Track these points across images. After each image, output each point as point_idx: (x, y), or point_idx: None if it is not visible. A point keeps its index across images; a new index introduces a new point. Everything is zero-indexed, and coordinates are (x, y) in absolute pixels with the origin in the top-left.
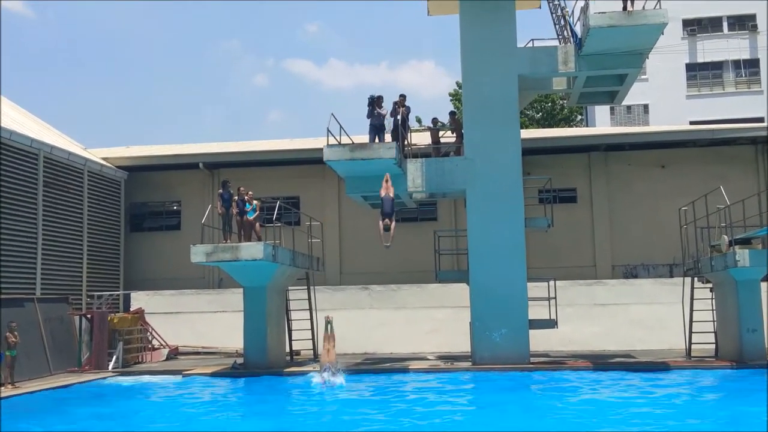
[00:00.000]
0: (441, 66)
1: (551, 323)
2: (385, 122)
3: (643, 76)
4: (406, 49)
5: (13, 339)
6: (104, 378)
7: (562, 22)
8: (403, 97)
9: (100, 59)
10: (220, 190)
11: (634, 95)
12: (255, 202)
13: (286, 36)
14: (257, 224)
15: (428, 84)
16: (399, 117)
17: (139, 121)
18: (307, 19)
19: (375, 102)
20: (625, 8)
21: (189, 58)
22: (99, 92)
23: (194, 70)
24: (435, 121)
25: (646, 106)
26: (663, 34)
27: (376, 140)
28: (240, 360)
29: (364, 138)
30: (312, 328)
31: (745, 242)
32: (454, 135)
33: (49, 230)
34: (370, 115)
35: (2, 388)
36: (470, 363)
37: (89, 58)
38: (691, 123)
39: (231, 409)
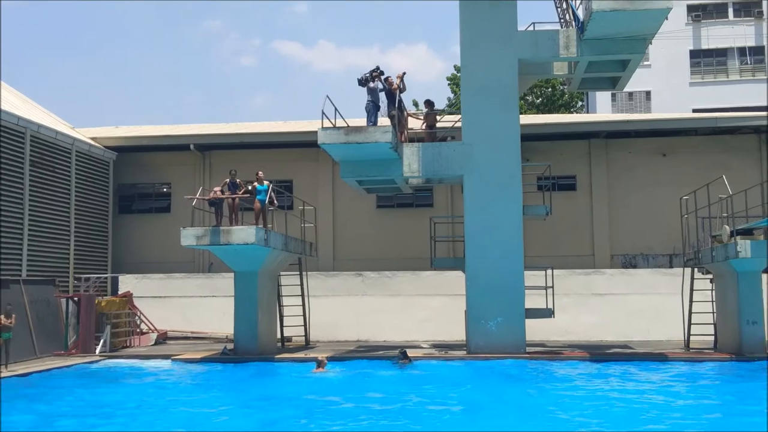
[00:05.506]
0: (433, 49)
1: (548, 312)
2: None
3: (645, 62)
4: (398, 32)
5: (10, 321)
6: (91, 362)
7: (564, 5)
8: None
9: (85, 37)
10: (227, 180)
11: (637, 82)
12: (266, 183)
13: (273, 16)
14: (265, 207)
15: (421, 68)
16: (397, 96)
17: (121, 100)
18: None
19: (380, 74)
20: None
21: (171, 35)
22: (84, 71)
23: (176, 48)
24: (430, 103)
25: (648, 93)
26: (667, 19)
27: (374, 120)
28: (230, 346)
29: (359, 121)
30: (304, 315)
31: (747, 233)
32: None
33: (35, 211)
34: (373, 89)
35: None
36: (465, 352)
37: (75, 37)
38: (694, 111)
39: (221, 396)
